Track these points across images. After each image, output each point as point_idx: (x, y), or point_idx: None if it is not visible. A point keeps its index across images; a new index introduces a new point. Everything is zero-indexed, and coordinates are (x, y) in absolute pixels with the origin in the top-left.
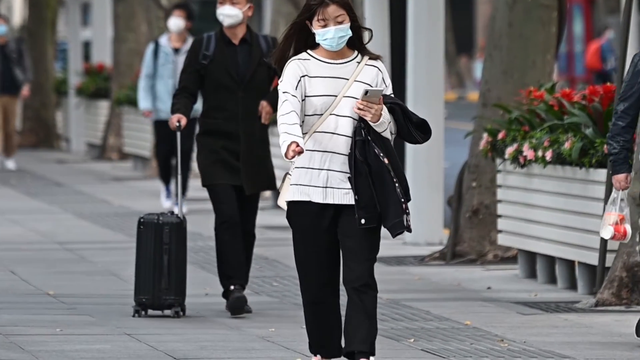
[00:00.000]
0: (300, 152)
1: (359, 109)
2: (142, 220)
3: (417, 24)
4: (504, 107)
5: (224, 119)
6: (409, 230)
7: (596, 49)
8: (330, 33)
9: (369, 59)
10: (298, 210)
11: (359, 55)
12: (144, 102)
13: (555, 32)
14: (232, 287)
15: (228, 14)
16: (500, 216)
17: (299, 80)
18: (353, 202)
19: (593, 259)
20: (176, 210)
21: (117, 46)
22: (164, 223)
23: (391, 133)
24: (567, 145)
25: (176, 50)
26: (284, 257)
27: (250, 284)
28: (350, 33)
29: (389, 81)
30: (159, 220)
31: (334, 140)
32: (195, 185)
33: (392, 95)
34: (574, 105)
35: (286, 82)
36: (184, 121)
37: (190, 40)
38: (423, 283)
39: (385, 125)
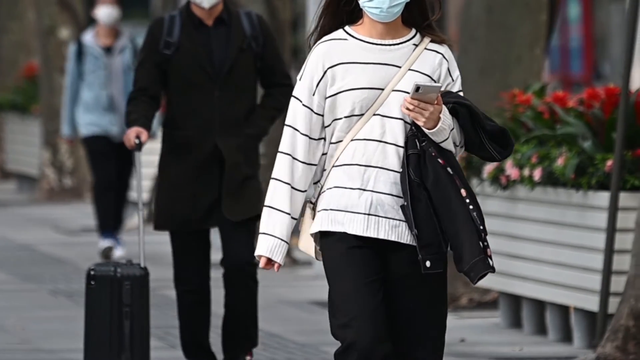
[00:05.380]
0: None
1: (407, 108)
2: (92, 273)
3: None
4: None
5: (195, 130)
6: (493, 271)
7: None
8: None
9: (431, 41)
10: (329, 243)
11: (418, 36)
12: (65, 126)
13: (545, 21)
14: None
15: None
16: None
17: (322, 77)
18: (403, 240)
19: (593, 303)
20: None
21: None
22: (124, 277)
23: (455, 145)
24: (560, 161)
25: (107, 50)
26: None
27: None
28: None
29: (456, 74)
30: (117, 272)
31: (380, 150)
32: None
33: (460, 94)
34: (568, 112)
35: (302, 84)
36: (144, 136)
37: (124, 36)
38: None
39: (445, 133)
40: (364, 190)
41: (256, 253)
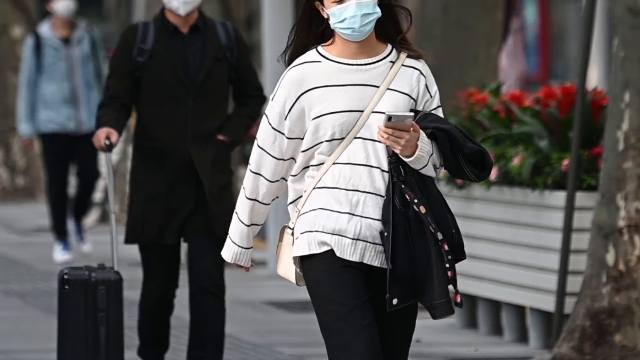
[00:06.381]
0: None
1: (382, 137)
2: (65, 277)
3: None
4: None
5: (167, 140)
6: (460, 306)
7: None
8: (350, 9)
9: (408, 56)
10: (314, 263)
11: (394, 52)
12: (25, 125)
13: (501, 19)
14: None
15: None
16: None
17: (294, 103)
18: (385, 266)
19: (548, 304)
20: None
21: None
22: (98, 281)
23: (435, 167)
24: (516, 161)
25: (65, 41)
26: None
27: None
28: (378, 12)
29: (434, 89)
30: (91, 277)
31: (367, 174)
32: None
33: (439, 114)
34: (525, 111)
35: (273, 106)
36: (114, 137)
37: (80, 26)
38: None
39: (424, 160)
40: (353, 215)
41: (222, 254)
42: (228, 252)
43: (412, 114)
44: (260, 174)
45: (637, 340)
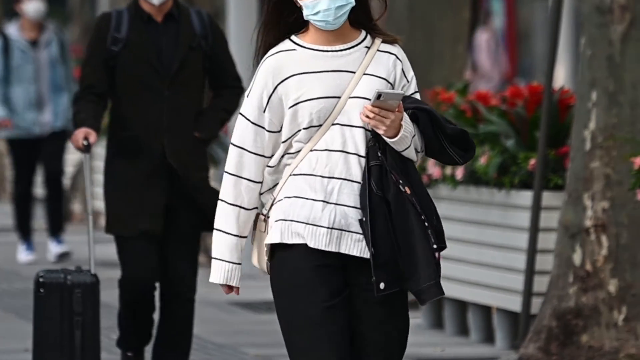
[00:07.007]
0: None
1: (367, 117)
2: (41, 280)
3: None
4: None
5: (142, 130)
6: (443, 293)
7: None
8: (324, 2)
9: (383, 42)
10: (286, 258)
11: (368, 37)
12: None
13: (467, 18)
14: (128, 354)
15: None
16: None
17: (272, 93)
18: (365, 255)
19: (515, 304)
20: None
21: None
22: (74, 284)
23: (417, 151)
24: (482, 160)
25: (33, 43)
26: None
27: None
28: (352, 2)
29: (411, 74)
30: (67, 279)
31: (343, 161)
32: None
33: (417, 97)
34: (491, 110)
35: (250, 102)
36: (93, 137)
37: (49, 29)
38: None
39: (407, 141)
40: (328, 202)
41: (211, 280)
42: (218, 273)
43: (402, 92)
44: (241, 177)
45: (603, 341)
